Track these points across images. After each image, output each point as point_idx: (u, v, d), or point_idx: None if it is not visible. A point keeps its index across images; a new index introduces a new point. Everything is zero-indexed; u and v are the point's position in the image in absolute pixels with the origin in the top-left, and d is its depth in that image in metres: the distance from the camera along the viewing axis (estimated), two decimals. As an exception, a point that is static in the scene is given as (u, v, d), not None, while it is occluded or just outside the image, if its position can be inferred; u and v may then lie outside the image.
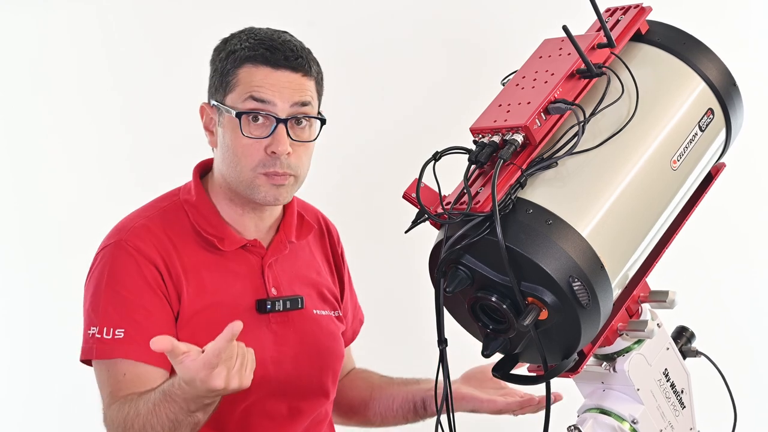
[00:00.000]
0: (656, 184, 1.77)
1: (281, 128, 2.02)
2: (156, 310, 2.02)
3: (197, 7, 3.09)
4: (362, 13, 3.21)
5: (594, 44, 1.79)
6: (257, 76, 2.03)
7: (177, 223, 2.09)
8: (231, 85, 2.05)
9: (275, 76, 2.03)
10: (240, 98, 2.04)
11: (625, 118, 1.75)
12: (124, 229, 2.07)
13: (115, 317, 2.00)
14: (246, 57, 2.04)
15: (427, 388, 2.26)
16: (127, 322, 2.00)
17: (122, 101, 3.14)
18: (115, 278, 2.02)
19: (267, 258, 2.13)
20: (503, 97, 1.78)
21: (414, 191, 1.72)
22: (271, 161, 2.03)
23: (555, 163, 1.70)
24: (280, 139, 2.02)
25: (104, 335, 2.00)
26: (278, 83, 2.02)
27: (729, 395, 1.99)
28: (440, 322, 1.74)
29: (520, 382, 1.80)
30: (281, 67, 2.03)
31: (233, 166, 2.06)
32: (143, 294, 2.01)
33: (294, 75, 2.04)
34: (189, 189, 2.14)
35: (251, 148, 2.03)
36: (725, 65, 1.85)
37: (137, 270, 2.02)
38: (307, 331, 2.15)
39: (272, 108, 2.03)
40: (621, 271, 1.73)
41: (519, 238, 1.63)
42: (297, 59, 2.04)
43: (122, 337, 1.99)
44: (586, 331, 1.68)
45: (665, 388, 1.88)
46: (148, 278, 2.02)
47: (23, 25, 3.10)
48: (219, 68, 2.08)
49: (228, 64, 2.06)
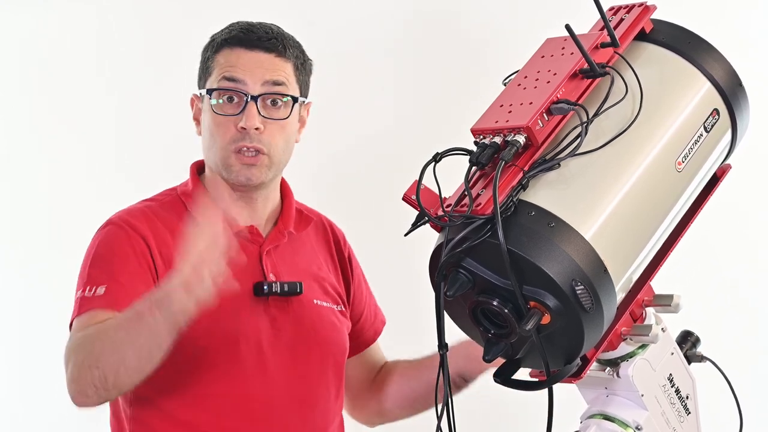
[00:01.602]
0: (661, 186, 1.76)
1: (251, 104, 2.09)
2: (139, 276, 2.05)
3: (196, 7, 3.09)
4: (362, 12, 3.21)
5: (597, 43, 1.78)
6: (232, 57, 2.11)
7: (175, 215, 2.13)
8: (210, 70, 2.14)
9: (248, 56, 2.11)
10: (215, 80, 2.12)
11: (629, 119, 1.74)
12: (119, 213, 2.13)
13: (98, 277, 2.04)
14: (223, 41, 2.13)
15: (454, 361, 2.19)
16: (108, 280, 2.03)
17: (118, 101, 3.14)
18: (104, 247, 2.08)
19: (265, 246, 2.15)
20: (505, 97, 1.77)
21: (414, 193, 1.71)
22: (241, 136, 2.09)
23: (557, 165, 1.69)
24: (249, 114, 2.08)
25: (86, 293, 2.03)
26: (250, 62, 2.10)
27: (735, 401, 1.98)
28: (441, 326, 1.73)
29: (521, 387, 1.78)
30: (254, 48, 2.11)
31: (210, 146, 2.13)
32: (128, 259, 2.06)
33: (267, 55, 2.12)
34: (186, 183, 2.20)
35: (224, 126, 2.10)
36: (731, 65, 1.84)
37: (126, 240, 2.07)
38: (305, 319, 2.16)
39: (243, 86, 2.10)
40: (625, 275, 1.72)
41: (521, 241, 1.62)
42: (270, 40, 2.12)
43: (102, 294, 2.02)
44: (590, 335, 1.67)
45: (670, 394, 1.88)
46: (135, 248, 2.07)
47: (20, 24, 3.10)
48: (203, 58, 2.17)
49: (208, 52, 2.15)
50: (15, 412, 3.14)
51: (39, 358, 3.11)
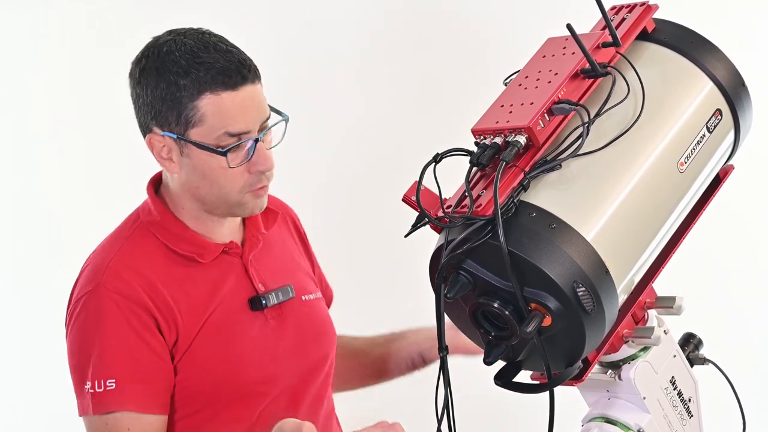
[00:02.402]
0: (663, 186, 1.75)
1: (261, 147, 2.01)
2: (145, 356, 2.00)
3: (194, 7, 3.07)
4: (362, 11, 3.20)
5: (599, 43, 1.78)
6: (223, 106, 1.98)
7: (148, 250, 2.06)
8: (194, 119, 1.99)
9: (240, 98, 1.99)
10: (212, 134, 1.99)
11: (631, 119, 1.73)
12: (99, 272, 2.03)
13: (104, 368, 1.98)
14: (202, 88, 1.98)
15: (414, 341, 2.27)
16: (116, 371, 1.98)
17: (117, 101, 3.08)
18: (100, 328, 1.99)
19: (246, 256, 2.12)
20: (505, 97, 1.76)
21: (414, 194, 1.70)
22: (257, 178, 2.02)
23: (559, 166, 1.68)
24: (264, 158, 2.01)
25: (96, 388, 1.98)
26: (244, 106, 1.99)
27: (738, 404, 1.97)
28: (441, 328, 1.73)
29: (522, 390, 1.77)
30: (239, 86, 1.99)
31: (215, 192, 2.03)
32: (129, 341, 1.99)
33: (251, 87, 2.00)
34: (148, 210, 2.11)
35: (235, 173, 2.01)
36: (734, 65, 1.83)
37: (121, 316, 1.99)
38: (302, 320, 2.14)
39: (246, 135, 2.00)
40: (626, 277, 1.72)
41: (522, 243, 1.62)
42: (249, 70, 2.00)
43: (114, 388, 1.97)
44: (591, 337, 1.67)
45: (672, 397, 1.87)
46: (134, 323, 1.99)
47: (19, 24, 3.10)
48: (162, 97, 2.01)
49: (178, 95, 1.99)
50: (14, 411, 3.14)
51: (37, 358, 3.11)
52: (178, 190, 2.07)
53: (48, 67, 3.12)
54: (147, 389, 1.98)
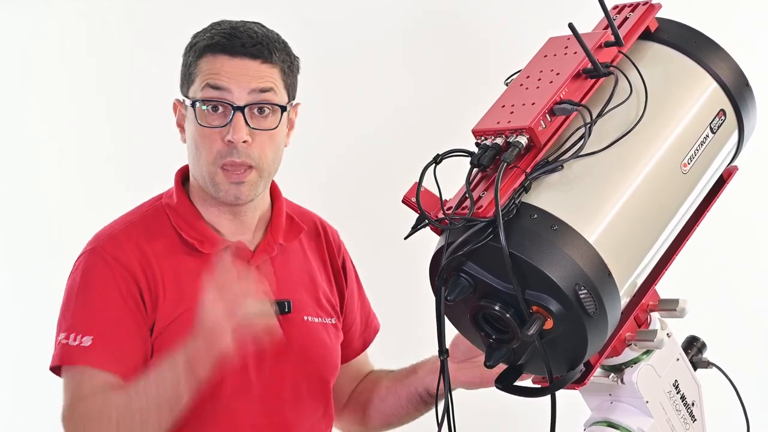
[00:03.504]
0: (666, 188, 1.75)
1: (238, 116, 2.01)
2: (127, 321, 2.01)
3: (191, 6, 3.08)
4: (362, 11, 3.20)
5: (601, 43, 1.77)
6: (215, 64, 2.03)
7: (158, 229, 2.08)
8: (192, 76, 2.06)
9: (232, 63, 2.03)
10: (199, 88, 2.04)
11: (634, 120, 1.72)
12: (102, 236, 2.07)
13: (84, 324, 2.00)
14: (205, 47, 2.05)
15: (423, 375, 2.23)
16: (95, 329, 1.99)
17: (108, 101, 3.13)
18: (89, 285, 2.02)
19: (253, 261, 2.10)
20: (506, 97, 1.76)
21: (414, 195, 1.70)
22: (228, 150, 2.02)
23: (560, 167, 1.68)
24: (236, 126, 2.01)
25: (71, 341, 1.99)
26: (234, 70, 2.02)
27: (741, 408, 1.97)
28: (441, 331, 1.72)
29: (524, 394, 1.77)
30: (238, 54, 2.03)
31: (195, 160, 2.06)
32: (115, 304, 2.01)
33: (252, 62, 2.03)
34: (171, 194, 2.14)
35: (209, 138, 2.03)
36: (738, 65, 1.83)
37: (112, 279, 2.02)
38: (293, 338, 2.11)
39: (228, 96, 2.02)
40: (629, 279, 1.71)
41: (523, 245, 1.61)
42: (255, 46, 2.04)
43: (89, 345, 1.98)
44: (593, 341, 1.66)
45: (675, 401, 1.86)
46: (122, 288, 2.01)
47: (18, 24, 3.10)
48: (184, 62, 2.10)
49: (190, 57, 2.08)
50: (12, 412, 3.14)
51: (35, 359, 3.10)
52: (191, 176, 2.10)
53: (47, 67, 3.12)
54: (120, 354, 1.98)
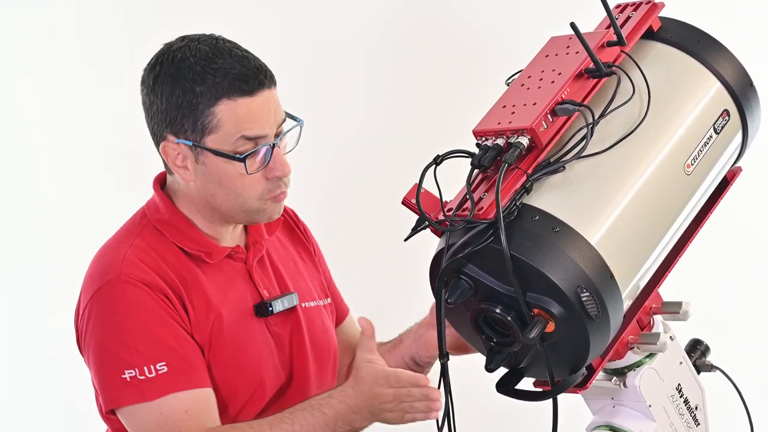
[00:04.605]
0: (669, 189, 1.74)
1: (277, 152, 2.01)
2: (182, 336, 1.98)
3: (188, 6, 3.07)
4: (360, 10, 3.20)
5: (603, 42, 1.77)
6: (240, 111, 1.98)
7: (159, 248, 2.04)
8: (211, 126, 1.98)
9: (256, 104, 1.99)
10: (228, 140, 1.98)
11: (637, 120, 1.72)
12: (115, 264, 2.01)
13: (151, 352, 1.95)
14: (218, 94, 1.98)
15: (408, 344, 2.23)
16: (164, 353, 1.95)
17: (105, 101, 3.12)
18: (131, 314, 1.97)
19: (250, 261, 2.11)
20: (508, 97, 1.75)
21: (414, 197, 1.70)
22: (276, 184, 2.01)
23: (562, 168, 1.68)
24: (281, 163, 2.01)
25: (147, 374, 1.94)
26: (260, 111, 1.99)
27: (746, 412, 1.96)
28: (441, 334, 1.72)
29: (525, 398, 1.77)
30: (255, 92, 1.99)
31: (232, 199, 2.02)
32: (164, 323, 1.97)
33: (268, 93, 2.00)
34: (156, 208, 2.09)
35: (252, 179, 2.00)
36: (741, 64, 1.82)
37: (151, 301, 1.97)
38: (301, 329, 2.13)
39: (265, 139, 2.00)
40: (632, 281, 1.71)
41: (524, 247, 1.61)
42: (265, 75, 2.01)
43: (166, 371, 1.95)
44: (595, 344, 1.66)
45: (678, 405, 1.86)
46: (163, 306, 1.98)
47: (16, 24, 3.10)
48: (177, 104, 2.00)
49: (194, 102, 1.98)
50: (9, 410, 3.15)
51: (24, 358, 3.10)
52: (192, 196, 2.06)
53: (42, 68, 3.12)
54: (195, 365, 1.96)
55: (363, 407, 1.91)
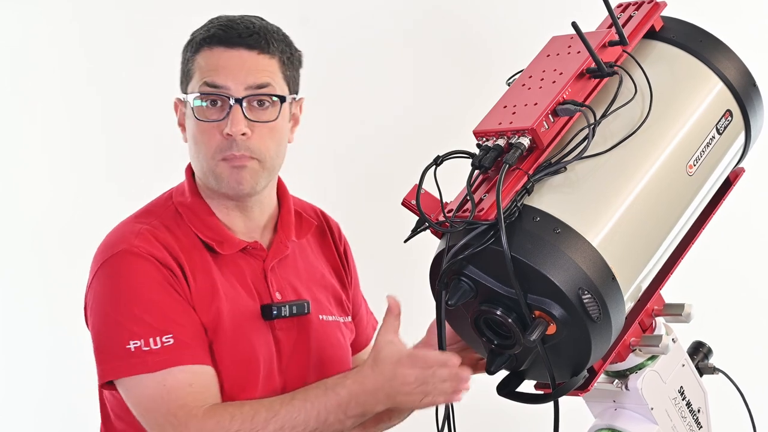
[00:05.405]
0: (671, 190, 1.74)
1: (236, 108, 1.98)
2: (189, 311, 1.97)
3: (186, 5, 3.07)
4: (359, 9, 3.20)
5: (605, 42, 1.77)
6: (212, 58, 2.00)
7: (177, 229, 2.04)
8: (191, 72, 2.03)
9: (228, 55, 1.99)
10: (197, 85, 2.01)
11: (639, 120, 1.72)
12: (126, 237, 2.00)
13: (158, 324, 1.93)
14: (202, 40, 2.02)
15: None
16: (171, 326, 1.93)
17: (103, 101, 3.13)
18: (140, 285, 1.95)
19: (269, 261, 2.08)
20: (508, 97, 1.75)
21: (414, 198, 1.70)
22: (228, 144, 1.99)
23: (564, 168, 1.67)
24: (234, 119, 1.98)
25: (152, 345, 1.92)
26: (231, 63, 1.99)
27: (748, 415, 1.96)
28: (441, 336, 1.72)
29: (526, 400, 1.76)
30: (236, 46, 1.99)
31: (195, 156, 2.03)
32: (172, 296, 1.96)
33: (249, 53, 2.00)
34: (182, 191, 2.09)
35: (208, 133, 1.99)
36: (744, 64, 1.82)
37: (160, 275, 1.96)
38: (311, 339, 2.09)
39: (226, 91, 1.99)
40: (633, 283, 1.70)
41: (525, 248, 1.61)
42: (251, 36, 2.01)
43: (172, 344, 1.93)
44: (597, 346, 1.65)
45: (681, 407, 1.86)
46: (171, 282, 1.97)
47: (14, 24, 3.10)
48: (183, 59, 2.07)
49: (188, 53, 2.05)
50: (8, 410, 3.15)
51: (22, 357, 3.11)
52: (200, 180, 2.06)
53: (43, 67, 3.12)
54: (200, 343, 1.94)
55: (380, 389, 1.85)
